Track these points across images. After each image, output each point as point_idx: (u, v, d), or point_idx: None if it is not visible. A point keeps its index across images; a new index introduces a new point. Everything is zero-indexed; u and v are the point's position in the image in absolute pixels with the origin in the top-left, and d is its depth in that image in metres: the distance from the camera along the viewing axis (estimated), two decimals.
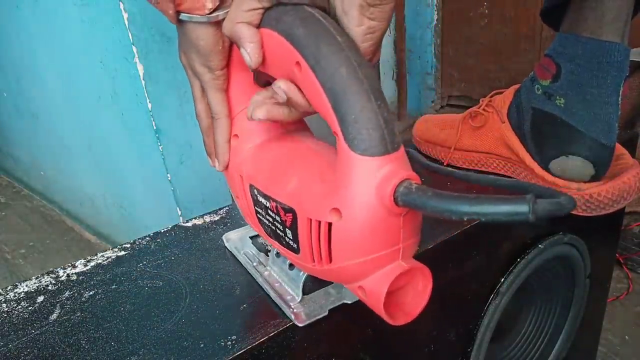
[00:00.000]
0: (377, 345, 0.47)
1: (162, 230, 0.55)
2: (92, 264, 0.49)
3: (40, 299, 0.45)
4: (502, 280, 0.57)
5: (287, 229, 0.37)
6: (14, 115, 1.93)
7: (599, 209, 0.52)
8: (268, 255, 0.46)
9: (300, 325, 0.39)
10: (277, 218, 0.38)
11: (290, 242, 0.37)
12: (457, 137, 0.64)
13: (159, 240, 0.53)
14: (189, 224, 0.56)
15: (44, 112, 1.67)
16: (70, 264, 0.50)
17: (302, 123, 0.45)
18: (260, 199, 0.39)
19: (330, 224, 0.32)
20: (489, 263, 0.55)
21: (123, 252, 0.51)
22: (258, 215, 0.41)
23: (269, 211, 0.39)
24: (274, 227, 0.39)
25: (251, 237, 0.50)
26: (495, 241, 0.56)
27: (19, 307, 0.44)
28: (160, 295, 0.43)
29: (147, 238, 0.53)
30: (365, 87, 0.30)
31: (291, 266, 0.42)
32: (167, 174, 1.20)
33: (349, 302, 0.41)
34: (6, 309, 0.44)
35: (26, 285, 0.47)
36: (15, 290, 0.46)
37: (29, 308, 0.43)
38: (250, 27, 0.35)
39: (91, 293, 0.45)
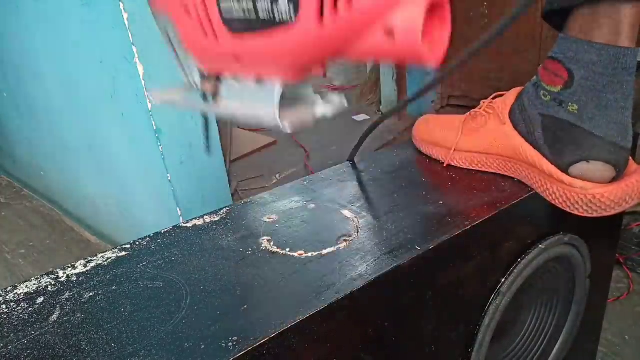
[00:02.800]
0: (378, 345, 0.47)
1: (162, 231, 0.55)
2: (92, 264, 0.49)
3: (40, 300, 0.44)
4: (503, 280, 0.57)
5: None
6: (14, 115, 1.93)
7: (600, 209, 0.52)
8: (213, 91, 0.41)
9: (289, 131, 0.37)
10: None
11: (283, 14, 0.31)
12: (458, 137, 0.64)
13: (159, 240, 0.53)
14: (189, 224, 0.56)
15: (44, 112, 1.67)
16: (70, 265, 0.49)
17: None
18: None
19: None
20: (490, 263, 0.55)
21: (123, 253, 0.51)
22: (223, 9, 0.35)
23: None
24: (252, 8, 0.33)
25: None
26: (496, 241, 0.55)
27: (19, 308, 0.44)
28: (160, 296, 0.43)
29: (147, 238, 0.53)
30: None
31: (258, 87, 0.38)
32: (167, 174, 1.20)
33: (330, 114, 0.39)
34: (6, 310, 0.43)
35: (26, 286, 0.47)
36: (15, 292, 0.46)
37: (29, 309, 0.43)
38: None
39: (91, 294, 0.45)
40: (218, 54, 0.38)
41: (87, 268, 0.49)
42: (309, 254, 0.48)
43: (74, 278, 0.47)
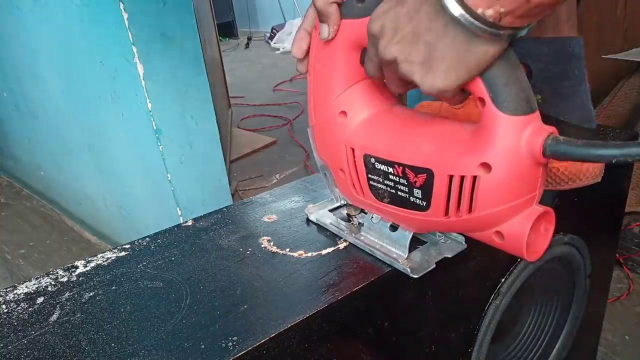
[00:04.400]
0: (378, 345, 0.47)
1: (162, 231, 0.55)
2: (92, 264, 0.49)
3: (40, 300, 0.44)
4: (503, 280, 0.57)
5: (415, 189, 0.40)
6: (14, 115, 1.93)
7: (555, 183, 0.55)
8: (355, 224, 0.51)
9: (415, 277, 0.44)
10: (403, 181, 0.41)
11: (418, 201, 0.40)
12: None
13: (159, 240, 0.53)
14: (189, 224, 0.56)
15: (44, 112, 1.67)
16: (70, 265, 0.49)
17: (398, 98, 0.49)
18: (379, 166, 0.43)
19: (475, 178, 0.36)
20: (490, 263, 0.55)
21: (123, 253, 0.51)
22: (371, 182, 0.44)
23: (390, 176, 0.42)
24: (394, 191, 0.42)
25: (331, 210, 0.55)
26: None
27: (19, 308, 0.44)
28: (160, 296, 0.43)
29: (147, 238, 0.53)
30: (511, 58, 0.34)
31: (392, 228, 0.47)
32: (167, 174, 1.20)
33: (450, 255, 0.46)
34: (5, 310, 0.43)
35: (26, 286, 0.47)
36: (15, 292, 0.46)
37: (29, 309, 0.43)
38: (337, 8, 0.41)
39: (91, 294, 0.45)
40: (362, 203, 0.47)
41: (87, 268, 0.49)
42: (309, 254, 0.48)
43: (74, 278, 0.47)
